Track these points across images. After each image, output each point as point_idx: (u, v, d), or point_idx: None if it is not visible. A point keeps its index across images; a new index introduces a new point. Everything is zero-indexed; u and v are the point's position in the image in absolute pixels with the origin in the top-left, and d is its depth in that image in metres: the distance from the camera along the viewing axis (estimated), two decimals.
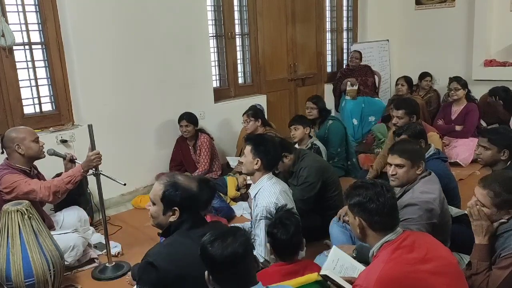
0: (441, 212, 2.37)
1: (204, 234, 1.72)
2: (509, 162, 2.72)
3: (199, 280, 1.65)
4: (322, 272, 1.99)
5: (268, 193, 2.53)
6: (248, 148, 2.62)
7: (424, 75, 6.13)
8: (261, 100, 5.20)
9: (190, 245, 1.74)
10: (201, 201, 1.88)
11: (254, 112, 4.29)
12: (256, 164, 2.59)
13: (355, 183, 1.91)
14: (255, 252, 2.42)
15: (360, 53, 5.94)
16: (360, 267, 2.18)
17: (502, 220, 1.97)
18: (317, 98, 4.69)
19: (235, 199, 4.03)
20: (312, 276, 2.02)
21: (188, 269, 1.69)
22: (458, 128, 4.97)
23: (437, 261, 1.70)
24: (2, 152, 2.84)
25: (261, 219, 2.49)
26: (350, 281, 1.96)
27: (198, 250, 1.61)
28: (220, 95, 4.94)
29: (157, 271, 1.66)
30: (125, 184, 2.79)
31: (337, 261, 2.22)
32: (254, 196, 2.62)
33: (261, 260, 2.45)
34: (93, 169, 2.78)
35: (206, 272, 1.56)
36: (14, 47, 3.50)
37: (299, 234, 2.13)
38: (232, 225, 3.31)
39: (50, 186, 2.71)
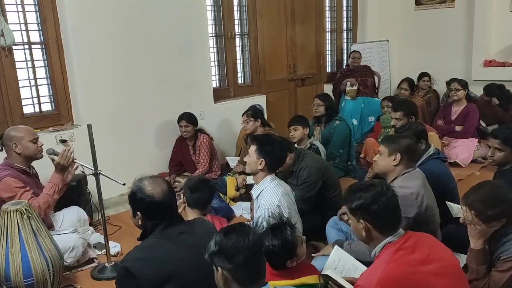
0: (422, 208, 2.37)
1: (182, 232, 1.78)
2: None
3: (183, 277, 1.66)
4: (324, 272, 1.98)
5: (271, 195, 2.51)
6: (253, 148, 2.60)
7: (422, 76, 6.14)
8: (260, 100, 5.19)
9: (168, 245, 1.73)
10: (167, 207, 1.81)
11: (253, 112, 4.28)
12: (260, 164, 2.56)
13: (353, 187, 1.88)
14: None
15: (360, 53, 5.95)
16: (362, 267, 2.18)
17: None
18: (325, 95, 4.68)
19: (234, 199, 4.02)
20: (306, 280, 2.01)
21: (169, 269, 1.67)
22: (458, 128, 4.97)
23: (439, 262, 1.69)
24: (2, 150, 2.85)
25: (263, 221, 2.47)
26: (352, 281, 1.96)
27: (178, 248, 1.67)
28: (219, 95, 4.94)
29: (135, 278, 1.62)
30: (124, 184, 2.77)
31: (338, 261, 2.22)
32: (257, 197, 2.60)
33: None
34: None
35: (220, 270, 1.51)
36: (14, 47, 3.50)
37: (288, 251, 1.97)
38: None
39: (39, 205, 2.69)
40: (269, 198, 2.50)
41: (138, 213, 1.82)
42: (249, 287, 1.51)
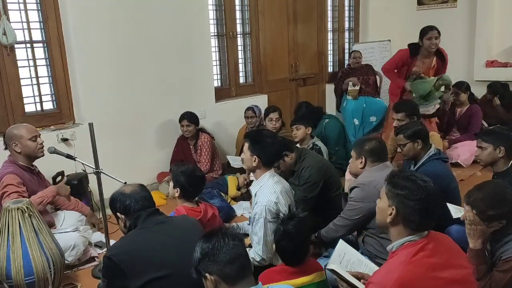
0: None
1: (161, 222, 1.95)
2: (510, 163, 2.71)
3: (164, 262, 1.80)
4: (329, 267, 1.97)
5: (269, 192, 2.49)
6: (246, 146, 2.58)
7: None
8: (262, 100, 5.19)
9: (147, 233, 1.89)
10: (141, 200, 2.00)
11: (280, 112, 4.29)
12: (254, 161, 2.54)
13: (402, 173, 1.76)
14: (251, 251, 2.43)
15: (360, 53, 5.94)
16: (367, 261, 2.17)
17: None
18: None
19: (235, 199, 4.03)
20: (315, 277, 2.03)
21: (149, 255, 1.81)
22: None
23: (455, 269, 1.65)
24: (6, 149, 2.86)
25: (260, 218, 2.47)
26: (357, 276, 1.95)
27: (156, 234, 1.86)
28: (221, 94, 4.94)
29: (118, 265, 1.77)
30: (125, 183, 2.77)
31: (343, 255, 2.21)
32: (255, 194, 2.59)
33: (258, 258, 2.44)
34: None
35: (208, 276, 1.53)
36: (16, 45, 3.50)
37: (307, 242, 2.12)
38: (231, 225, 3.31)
39: None
40: (267, 195, 2.48)
41: (119, 215, 2.02)
42: (238, 284, 1.52)
